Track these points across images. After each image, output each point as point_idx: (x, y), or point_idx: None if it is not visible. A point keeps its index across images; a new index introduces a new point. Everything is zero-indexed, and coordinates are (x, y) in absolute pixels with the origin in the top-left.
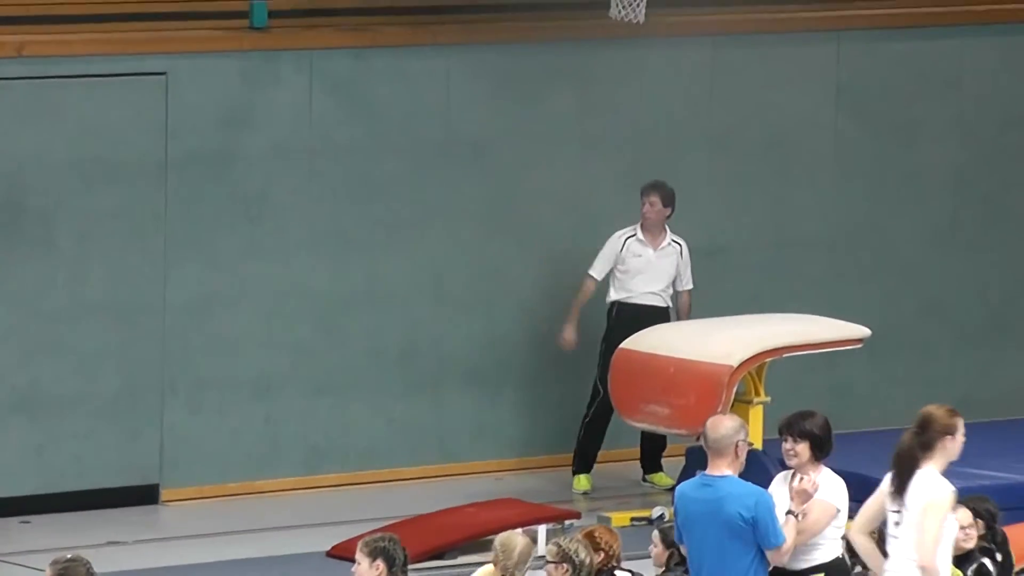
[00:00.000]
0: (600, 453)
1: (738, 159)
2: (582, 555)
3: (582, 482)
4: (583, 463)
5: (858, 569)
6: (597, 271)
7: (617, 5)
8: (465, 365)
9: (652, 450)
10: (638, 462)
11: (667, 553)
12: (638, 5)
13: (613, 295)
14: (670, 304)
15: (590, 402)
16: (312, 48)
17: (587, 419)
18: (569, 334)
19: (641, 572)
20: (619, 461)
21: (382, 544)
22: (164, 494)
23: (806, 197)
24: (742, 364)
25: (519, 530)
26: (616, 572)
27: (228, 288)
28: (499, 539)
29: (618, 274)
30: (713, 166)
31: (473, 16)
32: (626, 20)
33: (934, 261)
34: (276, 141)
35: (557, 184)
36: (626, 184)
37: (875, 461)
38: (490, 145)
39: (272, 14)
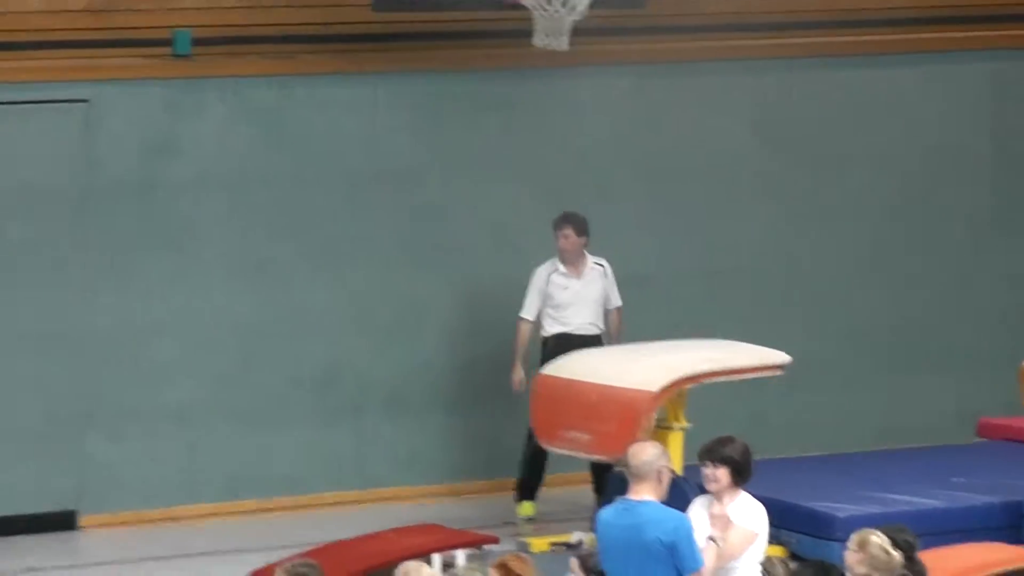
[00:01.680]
0: (546, 477)
1: (663, 188)
2: None
3: (527, 508)
4: (526, 493)
5: None
6: (528, 311)
7: (542, 33)
8: (387, 393)
9: (602, 472)
10: (580, 487)
11: None
12: (562, 34)
13: (547, 329)
14: (603, 329)
15: (528, 436)
16: (236, 76)
17: (527, 453)
18: (518, 376)
19: None
20: (562, 486)
21: (301, 570)
22: (83, 520)
23: (730, 226)
24: (663, 390)
25: (415, 561)
26: None
27: (151, 317)
28: (398, 570)
29: (549, 309)
30: (638, 195)
31: (398, 44)
32: (551, 48)
33: (856, 290)
34: (200, 170)
35: (483, 213)
36: (552, 212)
37: (794, 488)
38: (416, 174)
39: (196, 42)
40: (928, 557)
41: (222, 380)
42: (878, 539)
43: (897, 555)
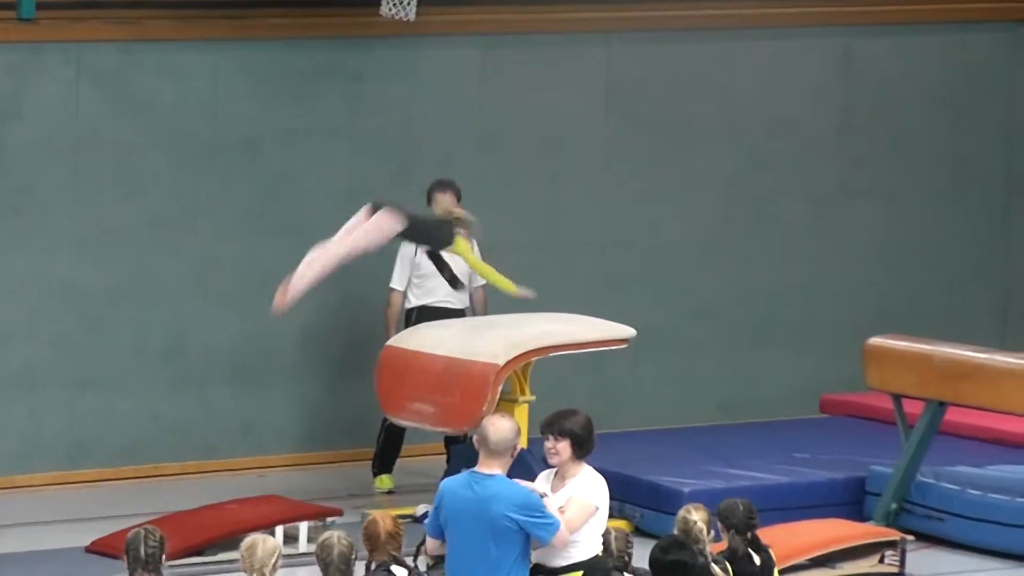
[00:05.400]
0: (403, 448)
1: (509, 159)
2: (328, 553)
3: (384, 481)
4: (383, 465)
5: None
6: (397, 282)
7: (388, 3)
8: (231, 362)
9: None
10: (438, 459)
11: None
12: (409, 3)
13: (413, 301)
14: (468, 304)
15: None
16: (80, 41)
17: (386, 423)
18: None
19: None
20: (419, 456)
21: (139, 540)
22: None
23: (577, 198)
24: (508, 363)
25: (260, 534)
26: (392, 567)
27: None
28: (243, 543)
29: (415, 279)
30: (484, 166)
31: (243, 12)
32: (397, 18)
33: (703, 264)
34: (42, 134)
35: (327, 181)
36: (397, 182)
37: (639, 461)
38: (259, 141)
39: (40, 6)
40: (770, 533)
41: (64, 346)
42: (693, 516)
43: (704, 529)
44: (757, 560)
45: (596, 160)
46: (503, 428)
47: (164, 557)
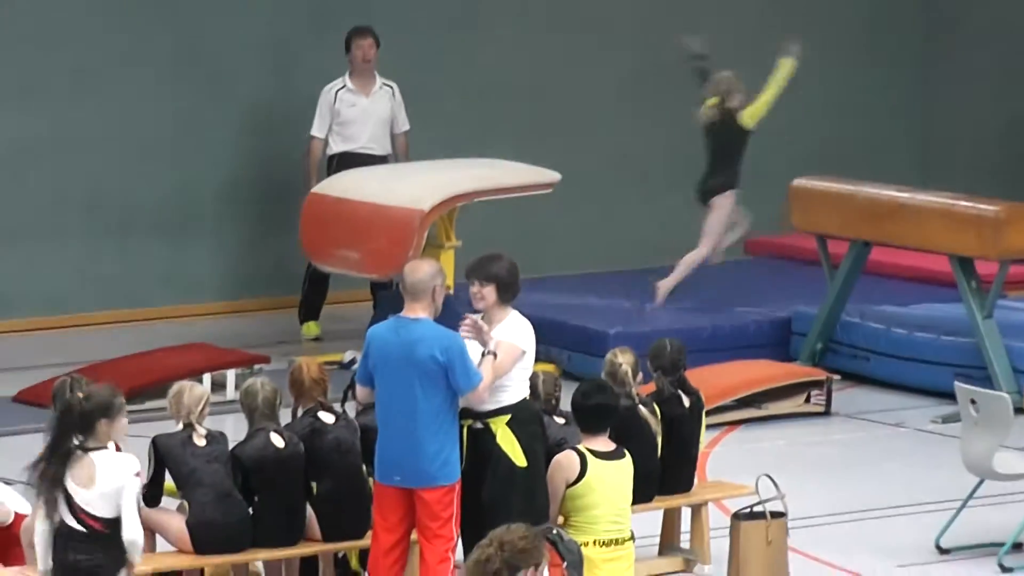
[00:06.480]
0: (330, 295)
1: (432, 7)
2: (252, 399)
3: (311, 328)
4: (309, 312)
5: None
6: (318, 129)
7: None
8: (153, 212)
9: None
10: (365, 305)
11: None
12: None
13: (333, 148)
14: (389, 151)
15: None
16: None
17: (310, 269)
18: None
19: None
20: (346, 303)
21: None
22: None
23: (499, 48)
24: (433, 208)
25: (188, 381)
26: (319, 413)
27: None
28: (171, 390)
29: (336, 127)
30: (412, 13)
31: None
32: None
33: (621, 113)
34: None
35: (248, 31)
36: (316, 30)
37: (565, 305)
38: None
39: None
40: (697, 375)
41: None
42: (619, 359)
43: (630, 372)
44: (686, 402)
45: (517, 8)
46: (421, 269)
47: None
